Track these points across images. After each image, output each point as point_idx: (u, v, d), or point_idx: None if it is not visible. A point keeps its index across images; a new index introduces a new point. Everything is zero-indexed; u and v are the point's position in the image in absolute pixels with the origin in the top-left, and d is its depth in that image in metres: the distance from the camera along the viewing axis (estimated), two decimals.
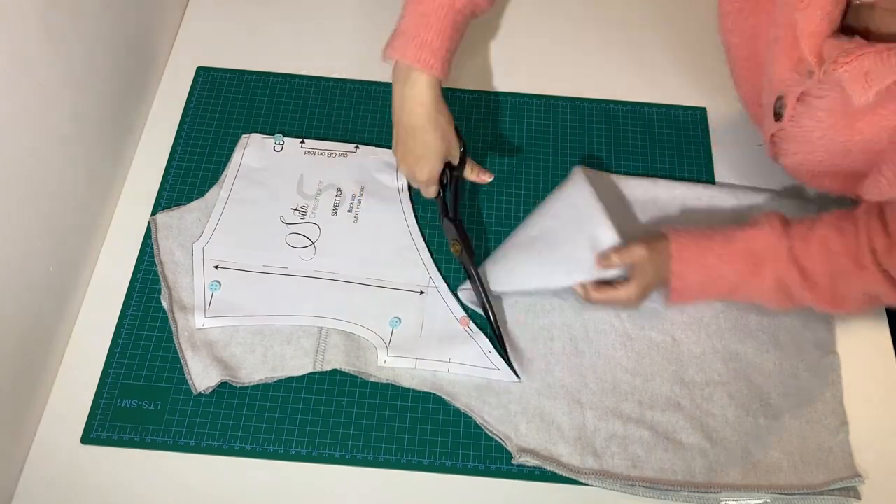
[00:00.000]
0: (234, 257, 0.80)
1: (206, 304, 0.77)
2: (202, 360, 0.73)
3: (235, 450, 0.71)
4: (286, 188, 0.85)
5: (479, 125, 0.92)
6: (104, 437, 0.71)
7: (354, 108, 0.93)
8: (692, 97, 0.95)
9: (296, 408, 0.74)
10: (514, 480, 0.71)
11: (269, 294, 0.78)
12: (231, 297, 0.78)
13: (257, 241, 0.81)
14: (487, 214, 0.85)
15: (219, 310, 0.77)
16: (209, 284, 0.78)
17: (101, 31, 0.80)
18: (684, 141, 0.92)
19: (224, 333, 0.76)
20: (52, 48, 0.70)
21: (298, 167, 0.86)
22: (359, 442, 0.72)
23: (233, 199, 0.83)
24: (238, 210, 0.83)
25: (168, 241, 0.80)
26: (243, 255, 0.80)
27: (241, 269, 0.79)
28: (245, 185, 0.85)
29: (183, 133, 0.89)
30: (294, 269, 0.80)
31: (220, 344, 0.75)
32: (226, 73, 0.94)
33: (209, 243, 0.80)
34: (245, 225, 0.82)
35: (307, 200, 0.84)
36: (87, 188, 0.80)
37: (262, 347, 0.75)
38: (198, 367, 0.73)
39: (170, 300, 0.77)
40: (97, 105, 0.81)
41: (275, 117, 0.91)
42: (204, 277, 0.78)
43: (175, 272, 0.79)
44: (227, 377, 0.73)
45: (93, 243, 0.81)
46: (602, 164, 0.89)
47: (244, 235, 0.81)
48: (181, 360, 0.74)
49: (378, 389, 0.74)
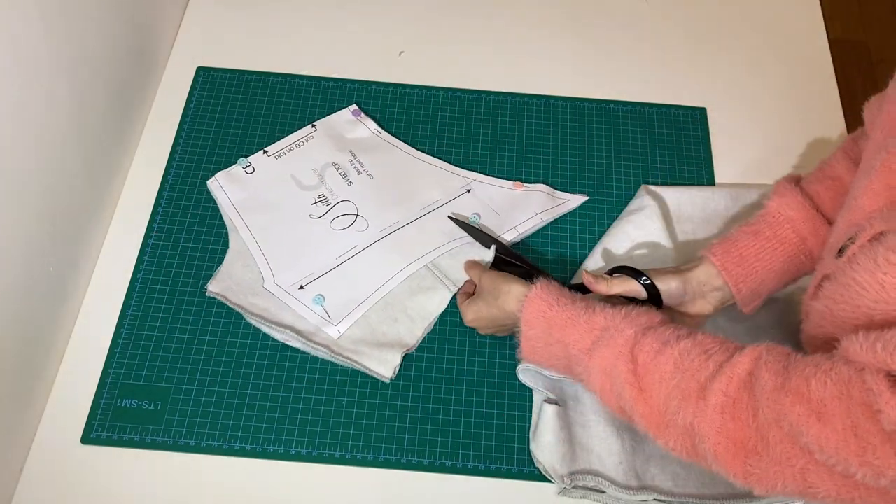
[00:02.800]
0: (308, 270, 0.79)
1: (326, 316, 0.77)
2: (370, 354, 0.74)
3: (235, 450, 0.71)
4: (290, 193, 0.85)
5: (478, 125, 0.92)
6: (104, 437, 0.71)
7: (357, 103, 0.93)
8: (692, 97, 0.95)
9: (296, 408, 0.74)
10: (514, 480, 0.71)
11: (364, 273, 0.79)
12: (339, 297, 0.78)
13: (311, 247, 0.81)
14: None
15: (339, 314, 0.77)
16: (313, 301, 0.77)
17: (101, 32, 0.80)
18: (684, 141, 0.92)
19: (362, 325, 0.77)
20: (52, 48, 0.70)
21: (283, 172, 0.86)
22: (359, 442, 0.72)
23: (256, 232, 0.82)
24: (269, 236, 0.82)
25: (241, 299, 0.78)
26: (311, 264, 0.80)
27: (324, 274, 0.79)
28: (253, 215, 0.83)
29: (183, 133, 0.89)
30: (362, 244, 0.81)
31: (368, 333, 0.76)
32: (226, 73, 0.94)
33: (276, 276, 0.79)
34: (287, 243, 0.81)
35: (318, 189, 0.85)
36: (87, 188, 0.80)
37: (399, 311, 0.77)
38: (373, 361, 0.74)
39: (302, 339, 0.75)
40: (97, 105, 0.81)
41: (275, 117, 0.91)
42: (301, 302, 0.78)
43: (276, 315, 0.77)
44: (400, 351, 0.75)
45: (93, 243, 0.81)
46: (602, 164, 0.89)
47: (296, 251, 0.81)
48: (358, 367, 0.74)
49: (378, 389, 0.74)
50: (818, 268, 0.62)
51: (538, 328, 0.66)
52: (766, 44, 1.00)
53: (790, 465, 0.51)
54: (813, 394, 0.50)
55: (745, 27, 1.02)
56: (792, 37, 1.01)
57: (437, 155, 0.89)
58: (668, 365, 0.58)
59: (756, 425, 0.53)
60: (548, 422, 0.70)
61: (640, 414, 0.59)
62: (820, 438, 0.49)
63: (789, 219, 0.70)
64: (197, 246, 0.82)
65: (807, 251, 0.70)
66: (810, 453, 0.50)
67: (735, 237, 0.72)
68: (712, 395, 0.54)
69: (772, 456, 0.52)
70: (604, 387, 0.62)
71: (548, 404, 0.71)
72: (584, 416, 0.72)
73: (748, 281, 0.70)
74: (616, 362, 0.60)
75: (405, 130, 0.91)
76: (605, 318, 0.63)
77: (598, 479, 0.68)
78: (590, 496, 0.69)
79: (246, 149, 0.89)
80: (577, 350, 0.63)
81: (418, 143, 0.90)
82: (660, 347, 0.59)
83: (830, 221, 0.69)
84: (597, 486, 0.69)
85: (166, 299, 0.79)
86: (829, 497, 0.51)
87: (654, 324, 0.62)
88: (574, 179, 0.88)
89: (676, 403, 0.56)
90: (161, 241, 0.82)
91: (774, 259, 0.70)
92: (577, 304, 0.65)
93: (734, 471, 0.54)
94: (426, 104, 0.93)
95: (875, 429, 0.47)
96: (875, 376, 0.47)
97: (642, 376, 0.59)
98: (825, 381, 0.50)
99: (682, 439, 0.57)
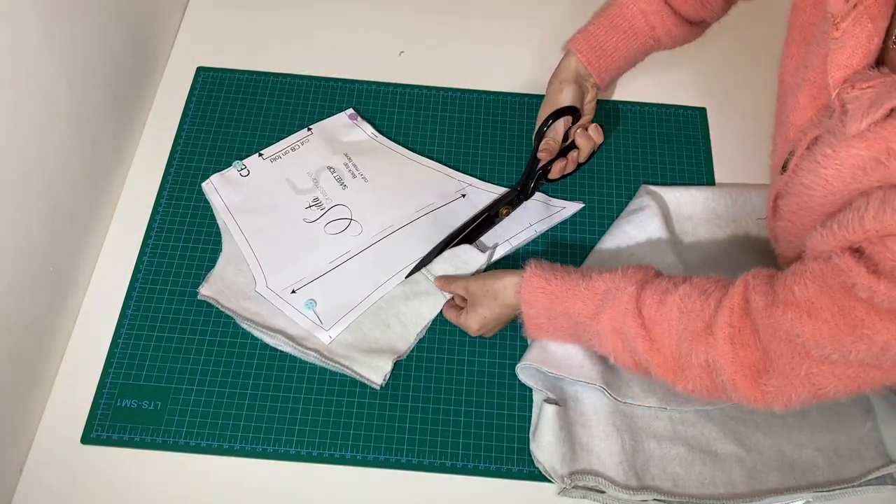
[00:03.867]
0: (300, 274, 0.79)
1: (318, 321, 0.76)
2: (361, 360, 0.74)
3: (235, 450, 0.71)
4: (285, 197, 0.84)
5: (478, 125, 0.92)
6: (104, 437, 0.71)
7: (354, 107, 0.93)
8: (692, 97, 0.95)
9: (296, 408, 0.74)
10: (514, 480, 0.71)
11: (357, 278, 0.79)
12: (331, 302, 0.78)
13: (304, 251, 0.81)
14: None
15: (331, 319, 0.77)
16: (305, 305, 0.77)
17: (101, 31, 0.80)
18: (684, 141, 0.92)
19: (353, 331, 0.76)
20: (52, 48, 0.70)
21: (278, 175, 0.86)
22: (359, 442, 0.72)
23: (250, 235, 0.81)
24: (263, 240, 0.81)
25: (233, 303, 0.77)
26: (303, 268, 0.80)
27: (316, 278, 0.79)
28: (247, 218, 0.82)
29: (183, 133, 0.89)
30: (355, 248, 0.81)
31: (359, 338, 0.76)
32: (226, 73, 0.94)
33: (268, 280, 0.79)
34: (281, 247, 0.81)
35: (313, 193, 0.84)
36: (87, 188, 0.80)
37: (391, 316, 0.77)
38: (364, 368, 0.74)
39: (293, 344, 0.75)
40: (97, 105, 0.81)
41: (274, 117, 0.91)
42: (293, 306, 0.77)
43: (268, 320, 0.76)
44: (391, 358, 0.74)
45: (93, 243, 0.81)
46: (601, 164, 0.89)
47: (289, 255, 0.80)
48: (348, 373, 0.74)
49: (378, 390, 0.74)
50: (769, 191, 0.67)
51: (539, 305, 0.68)
52: (766, 43, 1.00)
53: (796, 375, 0.56)
54: (798, 296, 0.55)
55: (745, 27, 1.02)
56: None
57: (435, 156, 0.89)
58: (672, 311, 0.62)
59: (760, 345, 0.58)
60: (547, 422, 0.70)
61: (657, 364, 0.63)
62: (815, 333, 0.54)
63: (642, 11, 0.78)
64: (197, 246, 0.82)
65: (655, 37, 0.80)
66: (808, 354, 0.55)
67: (594, 31, 0.80)
68: (719, 329, 0.59)
69: (778, 370, 0.57)
70: (616, 346, 0.65)
71: (548, 404, 0.71)
72: (584, 416, 0.72)
73: (609, 70, 0.81)
74: (624, 319, 0.63)
75: (404, 131, 0.91)
76: (605, 282, 0.66)
77: (598, 479, 0.68)
78: (590, 496, 0.69)
79: (246, 148, 0.89)
80: (583, 318, 0.66)
81: (417, 144, 0.90)
82: (661, 297, 0.63)
83: (675, 10, 0.78)
84: (597, 486, 0.69)
85: (166, 299, 0.79)
86: (839, 392, 0.56)
87: (649, 277, 0.66)
88: (574, 179, 0.88)
89: (688, 345, 0.61)
90: (161, 241, 0.82)
91: (629, 49, 0.81)
92: (572, 274, 0.68)
93: (753, 395, 0.59)
94: (426, 104, 0.93)
95: (857, 304, 0.51)
96: (841, 257, 0.52)
97: (651, 328, 0.63)
98: (805, 283, 0.55)
99: (701, 377, 0.61)
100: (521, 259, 0.82)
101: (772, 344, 0.57)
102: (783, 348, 0.56)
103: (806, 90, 0.59)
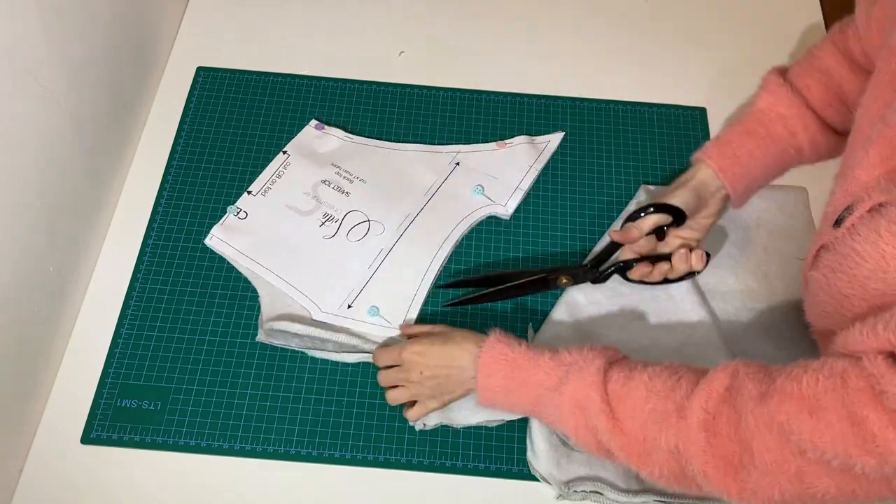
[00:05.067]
0: (346, 289, 0.79)
1: (387, 323, 0.77)
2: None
3: (235, 450, 0.71)
4: (294, 224, 0.83)
5: (478, 125, 0.92)
6: (104, 437, 0.71)
7: (354, 108, 0.93)
8: (692, 97, 0.95)
9: (296, 408, 0.74)
10: (513, 480, 0.71)
11: (402, 269, 0.80)
12: (389, 302, 0.78)
13: (339, 267, 0.80)
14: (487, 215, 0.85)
15: (397, 315, 0.78)
16: (368, 314, 0.77)
17: (102, 32, 0.80)
18: (684, 141, 0.92)
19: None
20: (52, 48, 0.70)
21: (276, 206, 0.84)
22: (359, 442, 0.72)
23: (281, 272, 0.79)
24: (295, 271, 0.79)
25: (297, 338, 0.76)
26: (347, 282, 0.79)
27: (363, 287, 0.79)
28: (268, 257, 0.80)
29: (183, 133, 0.89)
30: (386, 245, 0.82)
31: None
32: (226, 73, 0.94)
33: (320, 306, 0.77)
34: (314, 270, 0.79)
35: (320, 210, 0.83)
36: (87, 188, 0.80)
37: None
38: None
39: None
40: (97, 105, 0.81)
41: (275, 117, 0.91)
42: (357, 319, 0.77)
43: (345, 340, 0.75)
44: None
45: (93, 243, 0.81)
46: (601, 164, 0.89)
47: (325, 275, 0.79)
48: None
49: (378, 389, 0.74)
50: (815, 237, 0.62)
51: (499, 374, 0.64)
52: (766, 43, 1.00)
53: (783, 472, 0.51)
54: (804, 390, 0.49)
55: (745, 27, 1.02)
56: (792, 36, 1.01)
57: None
58: (639, 390, 0.57)
59: (738, 438, 0.52)
60: (538, 428, 0.70)
61: (618, 445, 0.57)
62: (813, 434, 0.48)
63: (780, 116, 0.72)
64: (197, 246, 0.82)
65: (797, 146, 0.72)
66: (803, 453, 0.50)
67: (728, 138, 0.73)
68: (692, 414, 0.54)
69: (759, 467, 0.52)
70: (577, 424, 0.60)
71: None
72: None
73: (743, 180, 0.73)
74: (588, 392, 0.58)
75: (405, 130, 0.91)
76: (571, 354, 0.62)
77: (598, 483, 0.68)
78: (590, 498, 0.69)
79: (246, 149, 0.89)
80: (544, 389, 0.61)
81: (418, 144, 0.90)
82: (628, 374, 0.58)
83: (819, 115, 0.72)
84: (596, 490, 0.69)
85: (166, 299, 0.79)
86: (830, 494, 0.50)
87: (618, 357, 0.62)
88: (574, 179, 0.88)
89: (657, 427, 0.55)
90: (161, 241, 0.82)
91: (767, 156, 0.72)
92: (537, 346, 0.65)
93: (728, 490, 0.53)
94: (426, 104, 0.94)
95: (874, 416, 0.46)
96: (873, 360, 0.47)
97: (615, 405, 0.58)
98: (816, 378, 0.50)
99: (668, 464, 0.55)
100: (529, 247, 0.84)
101: (758, 437, 0.51)
102: (772, 443, 0.51)
103: (879, 147, 0.54)
